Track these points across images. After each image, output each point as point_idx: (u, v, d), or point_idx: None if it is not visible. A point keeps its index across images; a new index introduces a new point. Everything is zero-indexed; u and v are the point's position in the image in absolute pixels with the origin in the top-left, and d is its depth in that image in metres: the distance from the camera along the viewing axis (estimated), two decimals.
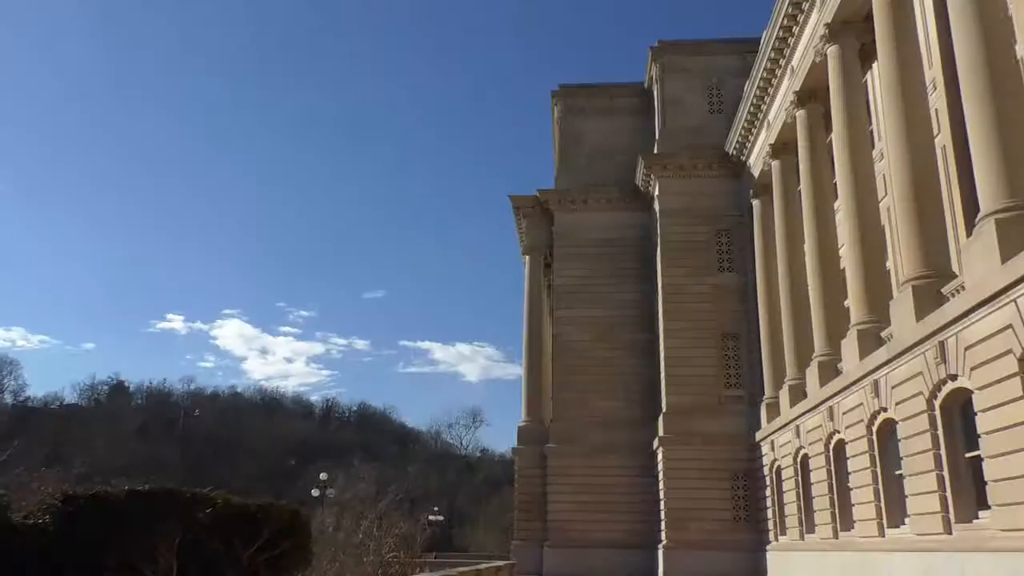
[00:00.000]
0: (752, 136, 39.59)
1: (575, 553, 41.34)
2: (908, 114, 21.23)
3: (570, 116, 50.71)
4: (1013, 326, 15.04)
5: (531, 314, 49.67)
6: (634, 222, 46.96)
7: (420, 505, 78.57)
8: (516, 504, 46.34)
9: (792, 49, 32.46)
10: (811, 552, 28.62)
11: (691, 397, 39.65)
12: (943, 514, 18.17)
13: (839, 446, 25.83)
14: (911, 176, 20.72)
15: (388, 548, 27.31)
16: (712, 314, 40.95)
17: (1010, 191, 15.98)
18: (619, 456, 42.86)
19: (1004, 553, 15.30)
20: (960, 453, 18.07)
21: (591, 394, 44.35)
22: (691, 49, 46.30)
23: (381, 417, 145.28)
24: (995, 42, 17.09)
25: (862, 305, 24.15)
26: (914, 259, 20.28)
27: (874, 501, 22.47)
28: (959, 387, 17.61)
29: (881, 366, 21.44)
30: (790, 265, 33.00)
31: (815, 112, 30.72)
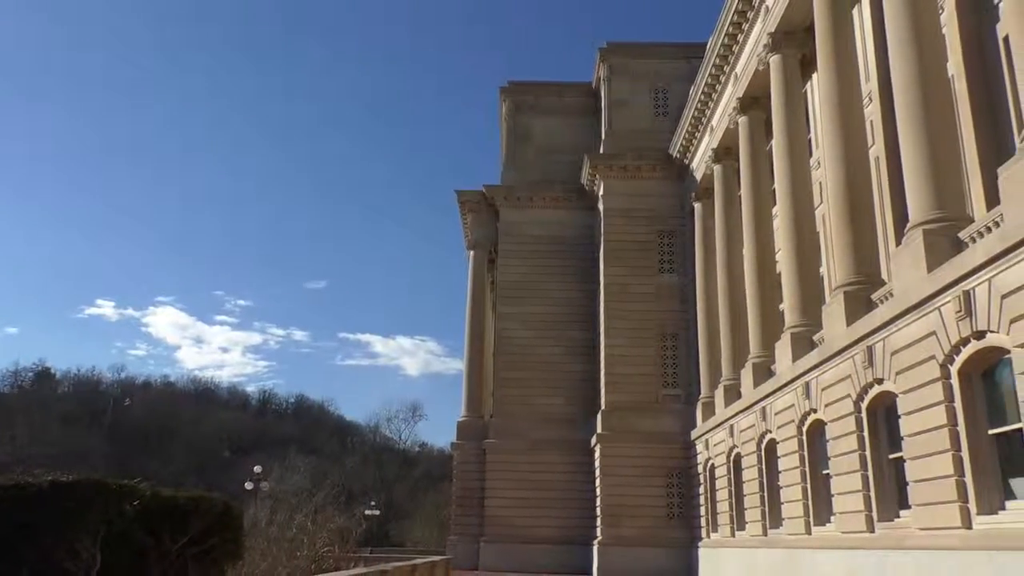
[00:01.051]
0: (696, 140, 40.25)
1: (511, 548, 41.54)
2: (844, 125, 21.85)
3: (518, 113, 50.84)
4: (937, 333, 15.64)
5: (474, 309, 49.67)
6: (578, 221, 47.35)
7: (357, 499, 77.93)
8: (454, 499, 46.34)
9: (736, 56, 33.10)
10: (741, 549, 29.31)
11: (630, 395, 40.18)
12: (866, 513, 18.80)
13: (771, 446, 26.49)
14: (846, 185, 21.34)
15: (322, 542, 26.98)
16: (652, 314, 41.55)
17: (938, 203, 16.59)
18: (558, 452, 43.22)
19: (922, 551, 15.91)
20: (884, 454, 18.71)
21: (532, 390, 44.61)
22: (639, 52, 46.88)
23: (319, 410, 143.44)
24: (928, 59, 17.71)
25: (796, 309, 24.79)
26: (846, 266, 20.90)
27: (802, 500, 23.12)
28: (885, 390, 18.24)
29: (812, 369, 22.06)
30: (729, 268, 33.67)
31: (757, 119, 31.38)
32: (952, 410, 15.26)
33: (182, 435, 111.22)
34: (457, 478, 45.76)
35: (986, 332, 14.24)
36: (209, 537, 15.19)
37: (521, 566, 40.12)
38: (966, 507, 14.75)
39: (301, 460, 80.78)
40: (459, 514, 44.86)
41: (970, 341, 14.77)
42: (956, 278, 14.85)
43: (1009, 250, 13.27)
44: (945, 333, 15.36)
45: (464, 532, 43.86)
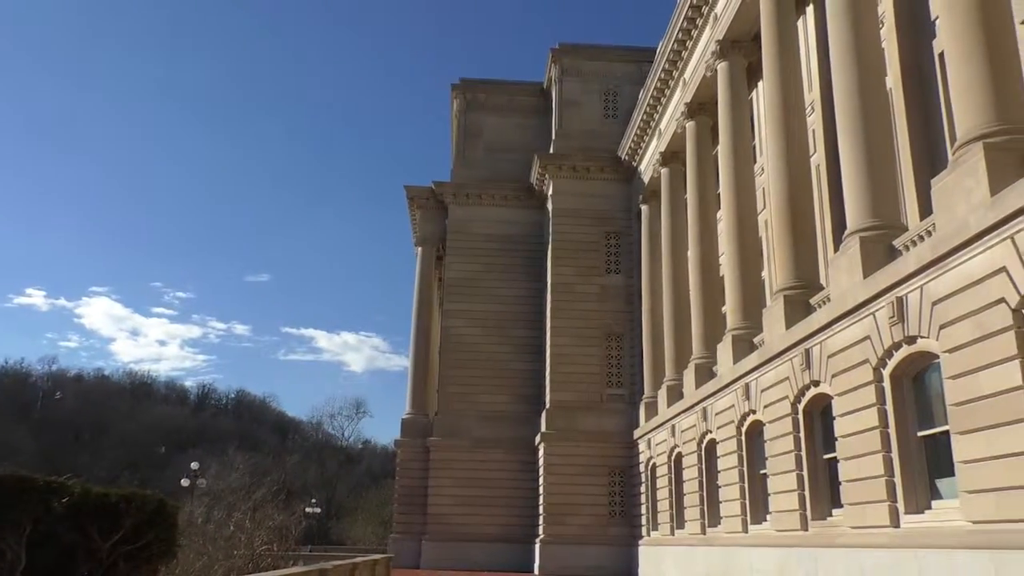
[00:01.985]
0: (644, 143, 40.74)
1: (454, 547, 41.45)
2: (788, 133, 22.36)
3: (469, 111, 50.76)
4: (871, 338, 16.12)
5: (421, 306, 49.43)
6: (527, 219, 47.49)
7: (298, 497, 76.73)
8: (396, 497, 46.06)
9: (685, 62, 33.59)
10: (680, 547, 29.78)
11: (575, 394, 40.48)
12: (801, 512, 19.29)
13: (711, 445, 26.97)
14: (788, 192, 21.84)
15: (261, 541, 26.52)
16: (598, 314, 41.93)
17: (874, 212, 17.11)
18: (502, 451, 43.28)
19: (853, 549, 16.39)
20: (819, 455, 19.22)
21: (477, 388, 44.59)
22: (590, 54, 47.23)
23: (260, 405, 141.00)
24: (868, 72, 18.25)
25: (738, 312, 25.28)
26: (786, 270, 21.40)
27: (740, 499, 23.60)
28: (821, 392, 18.73)
29: (752, 370, 22.53)
30: (674, 270, 34.17)
31: (704, 124, 31.91)
32: (884, 413, 15.75)
33: (116, 430, 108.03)
34: (400, 476, 45.48)
35: (917, 337, 14.73)
36: (141, 535, 14.76)
37: (463, 564, 40.09)
38: (895, 506, 15.24)
39: (240, 457, 79.07)
40: (402, 512, 44.61)
41: (902, 346, 15.26)
42: (890, 284, 15.33)
43: (940, 259, 13.75)
44: (879, 338, 15.85)
45: (406, 530, 43.62)
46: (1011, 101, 13.53)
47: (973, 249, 12.94)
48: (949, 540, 13.32)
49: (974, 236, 12.79)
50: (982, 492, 12.47)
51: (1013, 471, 11.80)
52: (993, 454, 12.26)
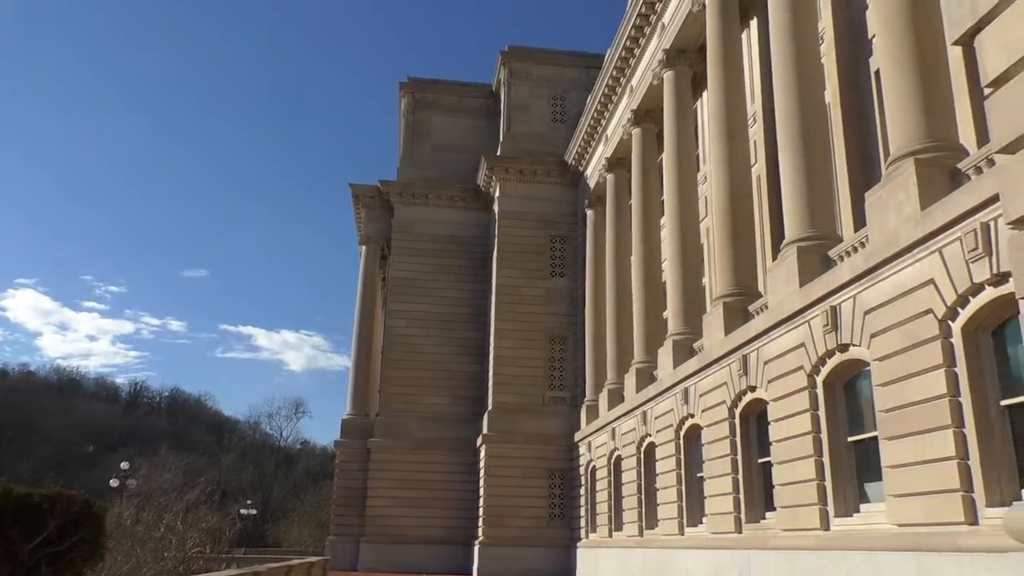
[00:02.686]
0: (591, 148, 41.10)
1: (392, 549, 41.13)
2: (730, 143, 22.82)
3: (417, 110, 50.49)
4: (805, 345, 16.55)
5: (364, 305, 48.94)
6: (473, 221, 47.45)
7: (233, 498, 75.23)
8: (335, 498, 45.50)
9: (633, 70, 34.02)
10: (618, 549, 30.08)
11: (517, 397, 40.56)
12: (735, 514, 19.67)
13: (650, 449, 27.32)
14: (729, 201, 22.28)
15: (193, 543, 25.84)
16: (542, 317, 42.13)
17: (811, 222, 17.59)
18: (444, 452, 43.12)
19: (785, 551, 16.79)
20: (754, 459, 19.64)
21: (419, 389, 44.36)
22: (539, 58, 47.47)
23: (195, 404, 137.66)
24: (808, 86, 18.76)
25: (679, 317, 25.68)
26: (726, 277, 21.82)
27: (677, 501, 23.96)
28: (757, 398, 19.14)
29: (692, 375, 22.90)
30: (617, 275, 34.54)
31: (649, 131, 32.35)
32: (816, 418, 16.18)
33: (42, 428, 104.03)
34: (339, 477, 44.93)
35: (849, 345, 15.18)
36: (66, 537, 14.25)
37: (401, 566, 39.79)
38: (825, 509, 15.67)
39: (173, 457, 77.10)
40: (340, 514, 44.07)
41: (835, 353, 15.70)
42: (824, 293, 15.77)
43: (872, 269, 14.20)
44: (813, 345, 16.28)
45: (344, 532, 43.11)
46: (941, 119, 14.05)
47: (903, 261, 13.40)
48: (876, 542, 13.75)
49: (904, 248, 13.25)
50: (907, 496, 12.91)
51: (937, 476, 12.24)
52: (918, 459, 12.70)
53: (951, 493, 11.93)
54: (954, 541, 11.62)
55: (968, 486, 11.75)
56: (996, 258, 11.35)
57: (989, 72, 5.95)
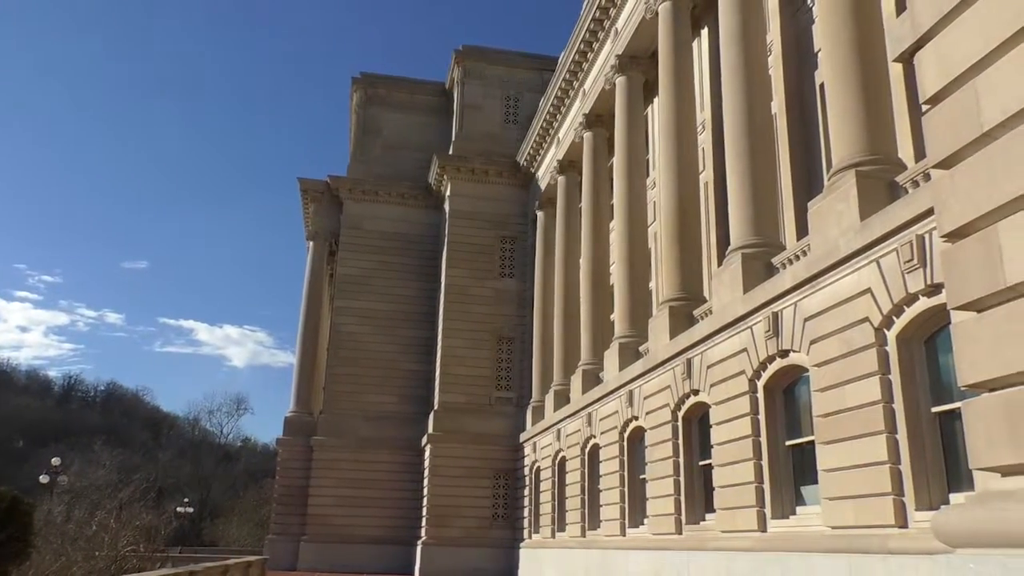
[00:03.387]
0: (543, 150, 41.26)
1: (333, 548, 40.69)
2: (679, 149, 23.15)
3: (369, 106, 50.05)
4: (748, 350, 16.87)
5: (310, 301, 48.32)
6: (423, 219, 47.24)
7: (169, 496, 73.53)
8: (276, 497, 44.82)
9: (586, 74, 34.26)
10: (561, 549, 30.24)
11: (463, 396, 40.49)
12: (676, 516, 19.95)
13: (594, 450, 27.53)
14: (677, 206, 22.59)
15: (126, 541, 25.17)
16: (490, 317, 42.14)
17: (756, 230, 17.94)
18: (388, 451, 42.84)
19: (723, 552, 17.09)
20: (695, 461, 19.94)
21: (364, 387, 43.98)
22: (494, 58, 47.47)
23: (132, 399, 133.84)
24: (755, 97, 19.12)
25: (625, 320, 25.94)
26: (672, 282, 22.12)
27: (619, 503, 24.19)
28: (699, 401, 19.44)
29: (637, 378, 23.15)
30: (566, 277, 34.74)
31: (601, 135, 32.62)
32: (756, 422, 16.51)
33: None
34: (281, 475, 44.26)
35: (790, 351, 15.52)
36: None
37: (342, 566, 39.39)
38: (762, 512, 15.99)
39: (108, 453, 74.97)
40: (280, 512, 43.41)
41: (776, 359, 16.04)
42: (767, 300, 16.10)
43: (813, 277, 14.55)
44: (755, 350, 16.60)
45: (284, 531, 42.47)
46: (882, 133, 14.48)
47: (843, 270, 13.76)
48: (810, 544, 14.08)
49: (844, 258, 13.60)
50: (841, 499, 13.26)
51: (869, 480, 12.60)
52: (852, 463, 13.05)
53: (883, 496, 12.29)
54: (884, 543, 11.97)
55: (899, 490, 12.12)
56: (930, 269, 11.73)
57: (927, 89, 6.15)
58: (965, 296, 5.72)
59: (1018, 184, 5.26)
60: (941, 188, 6.01)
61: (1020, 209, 5.29)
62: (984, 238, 5.55)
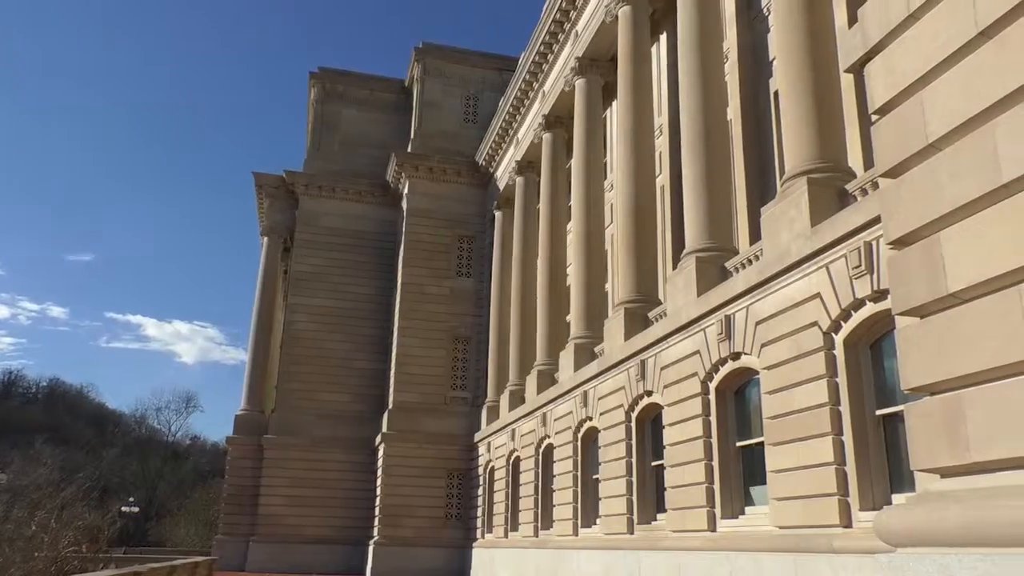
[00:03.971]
0: (502, 150, 41.29)
1: (283, 548, 40.18)
2: (636, 153, 23.36)
3: (327, 101, 49.55)
4: (700, 352, 17.10)
5: (263, 298, 47.63)
6: (380, 217, 46.93)
7: (114, 495, 71.77)
8: (225, 496, 44.08)
9: (546, 75, 34.37)
10: (514, 549, 30.29)
11: (418, 396, 40.31)
12: (628, 516, 20.13)
13: (548, 450, 27.63)
14: (634, 209, 22.80)
15: (68, 542, 24.52)
16: (446, 316, 42.02)
17: (711, 234, 18.20)
18: (341, 451, 42.46)
19: (673, 551, 17.29)
20: (647, 462, 20.15)
21: (318, 386, 43.52)
22: (454, 56, 47.35)
23: (76, 396, 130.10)
24: (712, 103, 19.40)
25: (581, 321, 26.09)
26: (628, 284, 22.31)
27: (572, 502, 24.32)
28: (653, 402, 19.65)
29: (592, 378, 23.30)
30: (523, 277, 34.81)
31: (560, 137, 32.76)
32: (708, 423, 16.74)
33: None
34: (230, 474, 43.54)
35: (741, 354, 15.78)
36: None
37: (292, 567, 38.91)
38: (712, 512, 16.22)
39: (49, 451, 72.88)
40: (229, 512, 42.70)
41: (728, 361, 16.29)
42: (720, 303, 16.34)
43: (764, 282, 14.81)
44: (708, 353, 16.84)
45: (233, 531, 41.79)
46: (833, 141, 14.81)
47: (793, 275, 14.03)
48: (758, 543, 14.33)
49: (795, 263, 13.88)
50: (789, 500, 13.52)
51: (816, 481, 12.87)
52: (800, 464, 13.32)
53: (828, 497, 12.56)
54: (829, 543, 12.24)
55: (844, 491, 12.40)
56: (877, 275, 12.03)
57: (876, 100, 6.30)
58: (909, 302, 5.88)
59: (960, 195, 5.43)
60: (888, 197, 6.16)
61: (962, 219, 5.45)
62: (928, 246, 5.71)
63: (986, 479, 5.22)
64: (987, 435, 5.14)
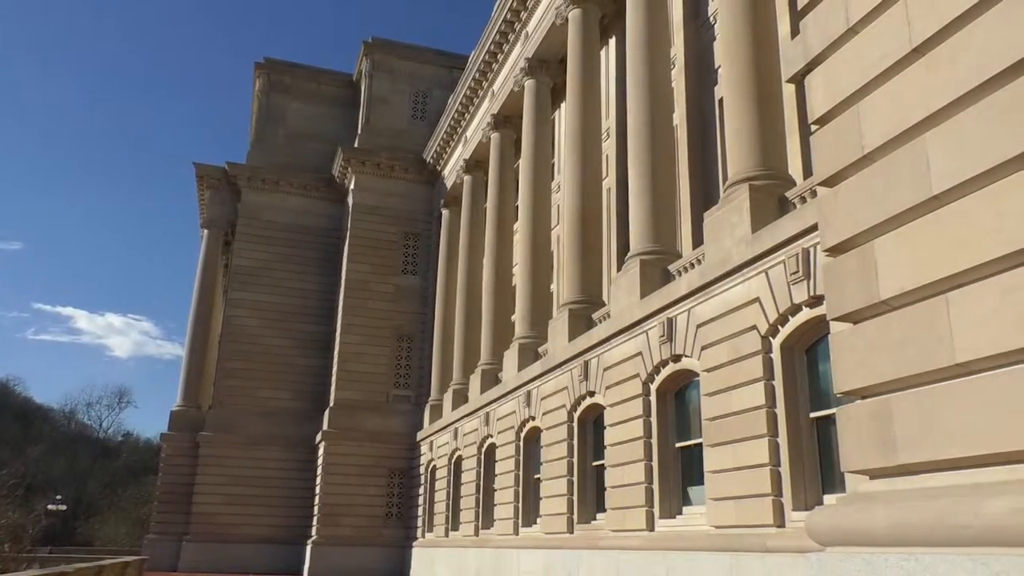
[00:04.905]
0: (450, 149, 41.16)
1: (218, 548, 39.35)
2: (584, 155, 23.54)
3: (273, 93, 48.70)
4: (643, 354, 17.32)
5: (202, 292, 46.59)
6: (325, 212, 46.34)
7: (40, 493, 69.20)
8: (158, 494, 42.96)
9: (495, 74, 34.38)
10: (454, 548, 30.22)
11: (360, 393, 39.92)
12: (568, 515, 20.27)
13: (490, 449, 27.65)
14: (580, 211, 22.97)
15: None
16: (391, 314, 41.71)
17: (655, 237, 18.45)
18: (281, 449, 41.78)
19: (612, 551, 17.47)
20: (588, 462, 20.32)
21: (257, 382, 42.76)
22: (403, 52, 47.01)
23: (0, 389, 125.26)
24: (658, 108, 19.67)
25: (526, 321, 26.17)
26: (573, 285, 22.46)
27: (513, 502, 24.38)
28: (595, 403, 19.82)
29: (535, 379, 23.39)
30: (469, 276, 34.75)
31: (508, 137, 32.80)
32: (648, 424, 16.96)
33: None
34: (164, 472, 42.46)
35: (682, 356, 16.03)
36: None
37: (227, 567, 38.15)
38: (651, 511, 16.45)
39: None
40: (162, 511, 41.64)
41: (669, 363, 16.53)
42: (662, 306, 16.57)
43: (706, 286, 15.07)
44: (649, 354, 17.06)
45: (166, 530, 40.75)
46: (774, 150, 15.15)
47: (734, 279, 14.31)
48: (695, 543, 14.57)
49: (735, 268, 14.15)
50: (725, 500, 13.78)
51: (751, 481, 13.15)
52: (736, 465, 13.59)
53: (763, 497, 12.85)
54: (763, 542, 12.52)
55: (778, 491, 12.70)
56: (813, 282, 12.35)
57: (815, 110, 6.46)
58: (843, 308, 6.04)
59: (893, 205, 5.60)
60: (825, 205, 6.32)
61: (894, 229, 5.62)
62: (862, 254, 5.87)
63: (912, 481, 5.40)
64: (913, 438, 5.31)
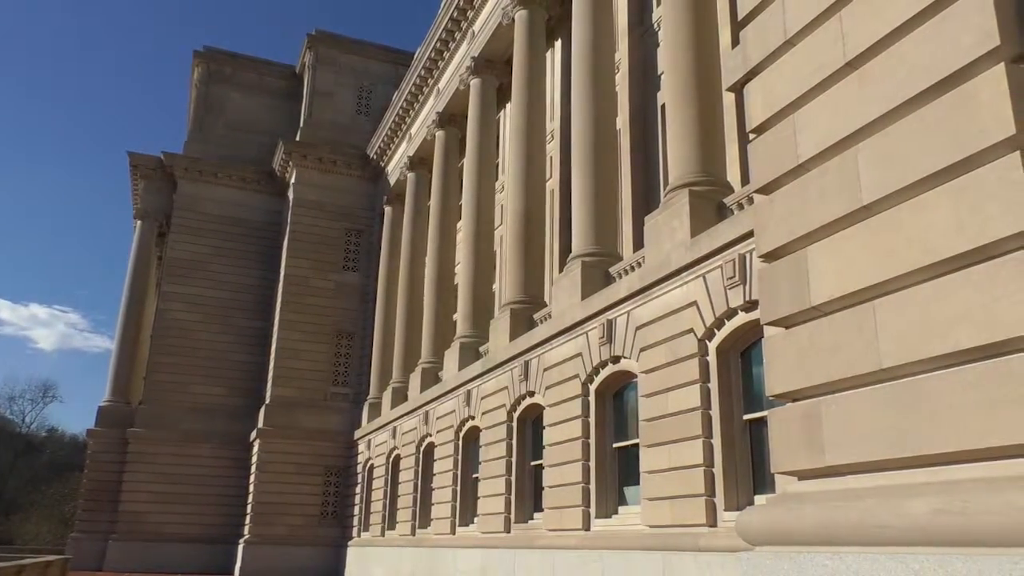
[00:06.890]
0: (394, 145, 40.83)
1: (146, 547, 38.28)
2: (528, 156, 23.63)
3: (212, 83, 47.56)
4: (583, 355, 17.46)
5: (134, 284, 45.22)
6: (264, 206, 45.49)
7: None
8: (83, 492, 41.53)
9: (441, 72, 34.23)
10: (390, 547, 29.99)
11: (297, 391, 39.30)
12: (506, 515, 20.32)
13: (429, 449, 27.52)
14: (523, 212, 23.04)
15: None
16: (330, 311, 41.17)
17: (597, 239, 18.62)
18: (214, 446, 40.84)
19: (549, 550, 17.57)
20: (527, 461, 20.40)
21: (190, 378, 41.72)
22: (348, 46, 46.46)
23: None
24: (602, 112, 19.85)
25: (467, 320, 26.13)
26: (515, 285, 22.52)
27: (451, 501, 24.33)
28: (534, 403, 19.91)
29: (475, 378, 23.37)
30: (411, 274, 34.52)
31: (453, 135, 32.70)
32: (587, 424, 17.11)
33: None
34: (91, 468, 41.06)
35: (621, 358, 16.21)
36: None
37: (155, 566, 37.13)
38: (587, 511, 16.60)
39: None
40: (87, 509, 40.28)
41: (608, 364, 16.70)
42: (603, 307, 16.73)
43: (645, 288, 15.28)
44: (589, 355, 17.21)
45: (91, 529, 39.44)
46: (714, 156, 15.45)
47: (673, 283, 14.54)
48: (629, 542, 14.76)
49: (674, 271, 14.38)
50: (659, 500, 14.00)
51: (685, 481, 13.39)
52: (671, 466, 13.82)
53: (696, 497, 13.09)
54: (696, 541, 12.76)
55: (711, 491, 12.95)
56: (749, 287, 12.63)
57: (753, 119, 6.61)
58: (776, 313, 6.19)
59: (825, 213, 5.76)
60: (761, 212, 6.47)
61: (826, 237, 5.79)
62: (795, 261, 6.03)
63: (839, 482, 5.57)
64: (840, 440, 5.48)
